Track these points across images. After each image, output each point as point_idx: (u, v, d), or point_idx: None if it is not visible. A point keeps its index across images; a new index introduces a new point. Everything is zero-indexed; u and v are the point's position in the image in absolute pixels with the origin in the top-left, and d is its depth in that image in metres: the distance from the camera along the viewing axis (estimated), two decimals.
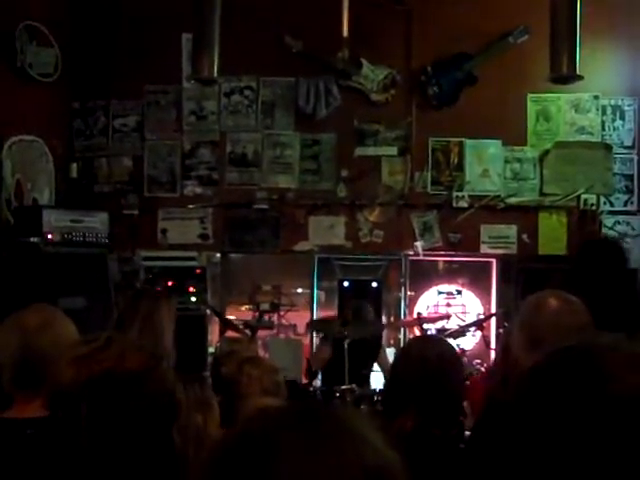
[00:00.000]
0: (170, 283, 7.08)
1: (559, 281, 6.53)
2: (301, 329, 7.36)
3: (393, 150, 7.42)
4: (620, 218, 7.28)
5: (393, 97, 7.37)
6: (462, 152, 7.41)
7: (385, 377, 5.86)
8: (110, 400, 1.45)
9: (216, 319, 7.13)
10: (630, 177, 7.34)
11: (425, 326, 6.91)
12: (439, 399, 2.70)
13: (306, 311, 7.54)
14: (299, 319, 7.49)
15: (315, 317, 7.48)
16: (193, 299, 7.10)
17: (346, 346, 5.66)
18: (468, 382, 4.39)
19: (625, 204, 7.32)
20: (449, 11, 7.21)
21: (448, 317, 7.07)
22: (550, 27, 5.42)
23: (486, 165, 7.41)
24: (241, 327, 6.86)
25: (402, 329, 7.28)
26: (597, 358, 1.15)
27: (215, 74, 5.83)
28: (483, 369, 6.25)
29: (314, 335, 7.28)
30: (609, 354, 1.16)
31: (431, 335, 6.18)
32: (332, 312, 7.32)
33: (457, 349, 6.34)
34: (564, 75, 5.38)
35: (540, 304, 2.81)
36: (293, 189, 7.44)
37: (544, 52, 5.93)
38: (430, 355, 2.81)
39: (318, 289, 7.58)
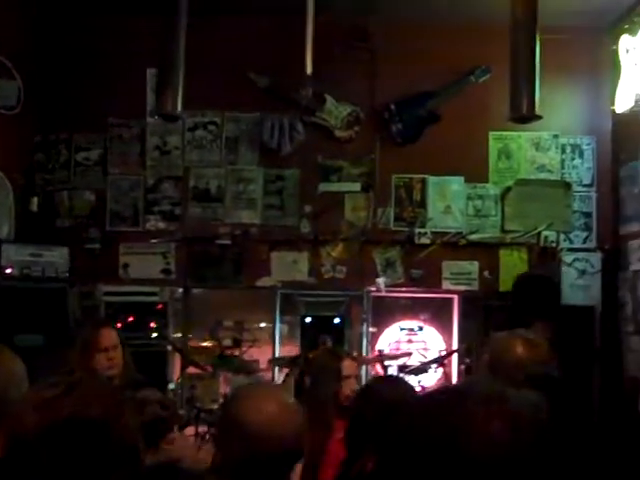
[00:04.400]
0: (131, 318, 7.02)
1: (502, 318, 6.64)
2: (263, 365, 7.30)
3: (356, 186, 7.45)
4: (579, 255, 7.36)
5: (357, 134, 7.43)
6: (425, 189, 7.47)
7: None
8: (71, 447, 1.42)
9: (177, 355, 7.06)
10: (589, 215, 7.44)
11: (387, 363, 6.92)
12: (398, 440, 2.68)
13: (268, 346, 7.50)
14: (261, 355, 7.45)
15: (278, 352, 7.44)
16: (154, 335, 7.04)
17: (308, 382, 5.62)
18: None
19: (584, 241, 7.41)
20: (412, 49, 7.30)
21: (409, 355, 7.08)
22: (510, 67, 5.50)
23: (448, 202, 7.47)
24: (202, 364, 6.82)
25: (364, 366, 7.25)
26: (464, 402, 1.16)
27: (179, 110, 5.82)
28: None
29: (276, 371, 7.24)
30: (476, 398, 1.17)
31: (391, 376, 6.17)
32: (295, 346, 7.29)
33: (419, 386, 6.40)
34: (523, 115, 5.44)
35: (508, 346, 2.83)
36: (256, 224, 7.43)
37: (505, 90, 6.01)
38: (390, 396, 2.80)
39: (281, 323, 7.55)
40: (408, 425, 1.22)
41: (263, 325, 7.74)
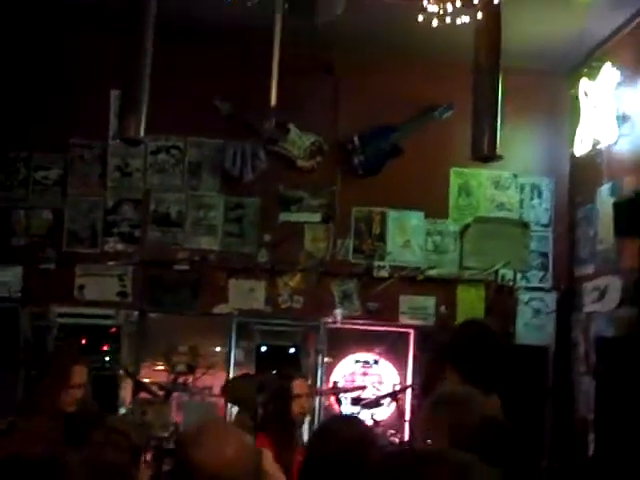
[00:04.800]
0: (84, 341, 6.93)
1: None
2: (217, 391, 7.23)
3: (317, 217, 7.46)
4: (535, 294, 7.43)
5: (319, 164, 7.45)
6: (385, 222, 7.50)
7: None
8: None
9: (129, 380, 6.97)
10: (545, 255, 7.52)
11: (340, 395, 6.89)
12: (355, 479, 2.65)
13: (222, 373, 7.44)
14: (215, 381, 7.38)
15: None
16: (107, 358, 6.96)
17: (260, 412, 5.58)
18: None
19: (540, 280, 7.49)
20: (377, 82, 7.36)
21: (364, 388, 7.07)
22: (472, 108, 5.57)
23: (408, 236, 7.50)
24: (154, 389, 6.74)
25: (318, 397, 7.22)
26: (421, 467, 1.17)
27: (141, 134, 5.79)
28: (397, 440, 6.26)
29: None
30: (432, 464, 1.18)
31: (346, 415, 6.14)
32: (250, 371, 7.23)
33: (372, 420, 6.38)
34: (485, 155, 5.52)
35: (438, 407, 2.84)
36: (215, 251, 7.40)
37: (468, 127, 6.08)
38: (348, 436, 2.78)
39: (238, 347, 7.51)
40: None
41: (218, 351, 7.69)
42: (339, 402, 7.13)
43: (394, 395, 6.80)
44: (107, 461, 2.93)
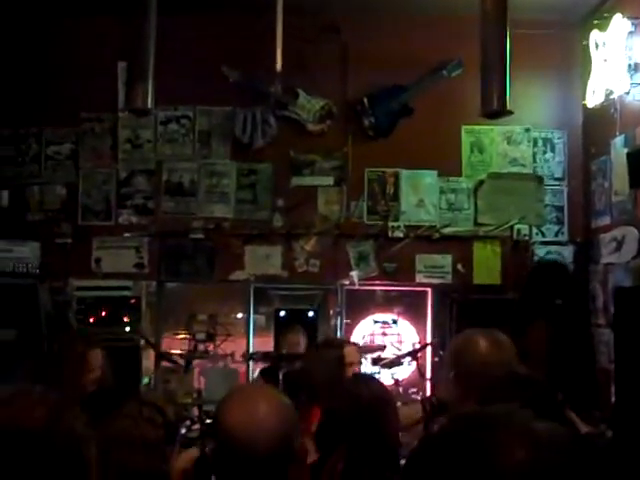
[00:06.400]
0: (104, 313, 6.99)
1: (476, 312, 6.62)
2: (238, 358, 7.30)
3: (329, 180, 7.45)
4: (551, 248, 7.41)
5: (329, 127, 7.42)
6: (398, 182, 7.48)
7: None
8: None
9: (151, 349, 7.04)
10: (560, 208, 7.48)
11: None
12: (371, 439, 2.67)
13: (242, 340, 7.50)
14: (236, 348, 7.44)
15: (252, 345, 7.44)
16: (127, 329, 7.01)
17: (281, 377, 5.63)
18: None
19: (556, 234, 7.46)
20: (384, 43, 7.29)
21: (383, 348, 7.09)
22: (481, 63, 5.51)
23: (421, 195, 7.48)
24: (176, 358, 6.80)
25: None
26: (488, 430, 1.16)
27: (149, 105, 5.77)
28: (418, 398, 6.29)
29: (251, 365, 7.25)
30: (499, 426, 1.16)
31: (364, 374, 6.16)
32: (269, 339, 7.28)
33: (392, 379, 6.41)
34: (495, 110, 5.46)
35: (468, 344, 2.83)
36: (229, 219, 7.41)
37: (478, 84, 6.02)
38: (362, 395, 2.80)
39: (256, 313, 7.55)
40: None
41: (237, 318, 7.73)
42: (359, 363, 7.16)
43: (414, 354, 6.82)
44: (140, 436, 2.86)
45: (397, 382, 6.55)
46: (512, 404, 1.32)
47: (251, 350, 7.33)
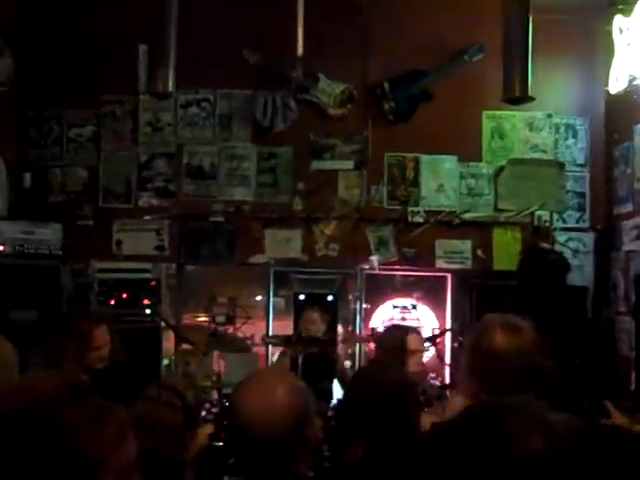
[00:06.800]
0: (125, 295, 7.03)
1: (511, 298, 6.59)
2: (257, 341, 7.33)
3: (349, 164, 7.44)
4: (572, 235, 7.37)
5: (350, 112, 7.39)
6: (418, 167, 7.46)
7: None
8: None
9: (171, 331, 7.08)
10: (582, 195, 7.44)
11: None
12: (390, 426, 2.67)
13: (262, 323, 7.53)
14: (255, 331, 7.47)
15: (271, 329, 7.47)
16: (147, 311, 7.05)
17: (300, 361, 5.66)
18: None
19: (577, 221, 7.42)
20: (405, 28, 7.25)
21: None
22: (502, 49, 5.48)
23: (442, 180, 7.46)
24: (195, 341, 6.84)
25: (357, 344, 7.28)
26: (504, 419, 1.17)
27: (170, 88, 5.79)
28: (438, 383, 6.29)
29: (270, 348, 7.28)
30: (516, 415, 1.17)
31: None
32: (289, 322, 7.31)
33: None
34: (516, 97, 5.43)
35: (486, 331, 2.82)
36: (249, 202, 7.42)
37: (499, 70, 5.98)
38: (381, 381, 2.80)
39: (276, 297, 7.58)
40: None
41: (256, 301, 7.76)
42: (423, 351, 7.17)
43: (433, 339, 6.83)
44: (159, 420, 2.87)
45: None
46: (527, 395, 1.33)
47: (270, 333, 7.36)
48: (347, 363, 7.05)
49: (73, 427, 1.36)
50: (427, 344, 6.29)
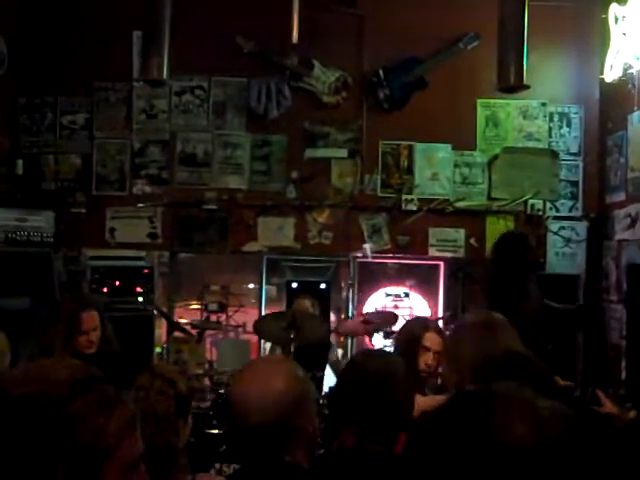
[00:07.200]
0: (117, 283, 7.02)
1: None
2: (250, 329, 7.34)
3: (343, 152, 7.43)
4: (565, 224, 7.38)
5: (344, 99, 7.37)
6: (412, 155, 7.45)
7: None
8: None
9: (163, 319, 7.08)
10: (575, 183, 7.44)
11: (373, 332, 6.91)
12: (380, 415, 2.67)
13: (254, 310, 7.54)
14: (248, 318, 7.48)
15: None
16: (140, 299, 7.05)
17: (292, 349, 5.65)
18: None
19: (570, 210, 7.43)
20: (401, 15, 7.23)
21: (395, 319, 7.08)
22: (498, 37, 5.48)
23: (435, 169, 7.45)
24: (188, 328, 6.84)
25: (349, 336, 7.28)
26: (489, 405, 1.17)
27: (164, 75, 5.77)
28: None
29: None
30: (501, 401, 1.18)
31: (375, 350, 6.17)
32: (282, 309, 7.31)
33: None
34: (511, 85, 5.44)
35: (462, 332, 2.86)
36: (243, 190, 7.41)
37: (494, 58, 5.97)
38: (371, 370, 2.79)
39: (268, 284, 7.58)
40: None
41: (249, 289, 7.77)
42: (371, 337, 7.20)
43: None
44: (150, 408, 2.87)
45: None
46: (512, 382, 1.33)
47: None
48: (339, 351, 7.06)
49: (81, 415, 1.35)
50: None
